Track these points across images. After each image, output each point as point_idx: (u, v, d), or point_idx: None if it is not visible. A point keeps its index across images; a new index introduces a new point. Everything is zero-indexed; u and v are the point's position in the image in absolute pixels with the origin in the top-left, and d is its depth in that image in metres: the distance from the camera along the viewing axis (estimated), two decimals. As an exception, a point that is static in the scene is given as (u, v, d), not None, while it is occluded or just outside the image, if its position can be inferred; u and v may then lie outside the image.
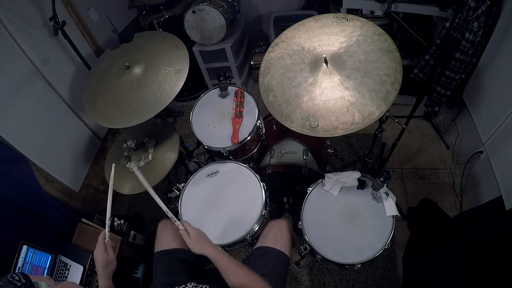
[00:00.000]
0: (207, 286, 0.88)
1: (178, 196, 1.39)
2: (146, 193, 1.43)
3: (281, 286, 1.11)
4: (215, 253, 0.94)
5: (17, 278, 0.72)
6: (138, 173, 1.08)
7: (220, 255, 0.94)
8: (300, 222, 1.27)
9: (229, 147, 1.43)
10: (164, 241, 1.20)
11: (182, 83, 1.35)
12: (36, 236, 1.44)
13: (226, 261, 0.93)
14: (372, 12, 1.94)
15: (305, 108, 1.15)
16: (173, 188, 1.47)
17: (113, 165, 1.11)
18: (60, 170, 1.71)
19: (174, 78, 1.36)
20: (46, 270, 1.37)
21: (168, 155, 1.50)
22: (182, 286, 0.88)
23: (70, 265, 1.45)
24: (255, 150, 1.60)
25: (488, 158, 1.59)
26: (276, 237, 1.19)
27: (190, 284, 0.88)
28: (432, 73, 1.69)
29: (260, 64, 1.31)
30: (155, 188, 1.43)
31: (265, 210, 1.28)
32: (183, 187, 1.40)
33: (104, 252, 0.98)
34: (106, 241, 1.01)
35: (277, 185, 1.72)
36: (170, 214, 1.03)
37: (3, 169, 1.38)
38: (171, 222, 1.26)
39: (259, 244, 1.19)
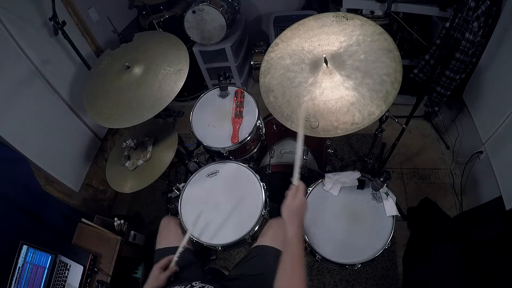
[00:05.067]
0: (211, 287, 0.87)
1: (178, 196, 1.39)
2: (146, 193, 1.44)
3: None
4: (293, 236, 0.82)
5: None
6: None
7: (295, 242, 0.82)
8: (300, 222, 1.27)
9: (229, 147, 1.43)
10: (167, 238, 1.20)
11: (182, 83, 1.35)
12: (36, 236, 1.44)
13: (290, 256, 0.81)
14: (372, 12, 1.94)
15: (305, 108, 1.15)
16: (173, 188, 1.48)
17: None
18: (60, 170, 1.71)
19: (174, 78, 1.36)
20: (46, 270, 1.37)
21: (166, 153, 1.49)
22: (188, 285, 0.87)
23: (70, 265, 1.44)
24: (255, 150, 1.60)
25: (488, 158, 1.59)
26: (275, 235, 1.18)
27: (196, 283, 0.87)
28: (432, 73, 1.69)
29: (260, 64, 1.30)
30: (154, 186, 1.44)
31: (265, 210, 1.28)
32: (183, 187, 1.40)
33: (160, 268, 1.01)
34: (171, 264, 1.04)
35: (277, 185, 1.72)
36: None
37: (3, 169, 1.38)
38: (174, 219, 1.27)
39: (258, 243, 1.19)
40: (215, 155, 1.60)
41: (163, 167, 1.43)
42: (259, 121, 1.48)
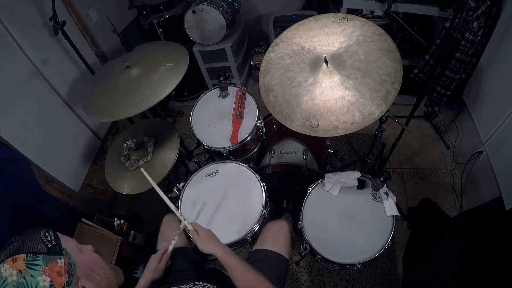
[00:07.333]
0: (215, 287, 0.87)
1: (178, 196, 1.39)
2: (146, 193, 1.44)
3: None
4: (223, 253, 0.95)
5: (48, 237, 0.64)
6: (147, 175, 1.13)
7: (227, 255, 0.95)
8: (300, 222, 1.27)
9: (229, 147, 1.43)
10: (169, 238, 1.20)
11: (182, 76, 1.34)
12: (36, 236, 1.43)
13: (233, 262, 0.94)
14: (372, 12, 1.94)
15: (305, 108, 1.15)
16: (173, 188, 1.47)
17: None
18: (60, 170, 1.71)
19: (173, 73, 1.37)
20: (46, 270, 1.37)
21: (168, 155, 1.49)
22: (190, 284, 0.87)
23: (70, 265, 1.44)
24: (255, 150, 1.60)
25: (488, 158, 1.59)
26: (275, 239, 1.18)
27: (199, 283, 0.87)
28: (432, 73, 1.69)
29: (260, 64, 1.30)
30: (154, 188, 1.44)
31: (265, 210, 1.28)
32: (183, 187, 1.40)
33: (158, 259, 1.08)
34: (166, 252, 1.11)
35: (277, 185, 1.72)
36: (180, 217, 1.08)
37: (3, 169, 1.38)
38: (176, 218, 1.27)
39: (258, 246, 1.18)
40: (215, 155, 1.60)
41: (165, 169, 1.43)
42: (259, 121, 1.48)
